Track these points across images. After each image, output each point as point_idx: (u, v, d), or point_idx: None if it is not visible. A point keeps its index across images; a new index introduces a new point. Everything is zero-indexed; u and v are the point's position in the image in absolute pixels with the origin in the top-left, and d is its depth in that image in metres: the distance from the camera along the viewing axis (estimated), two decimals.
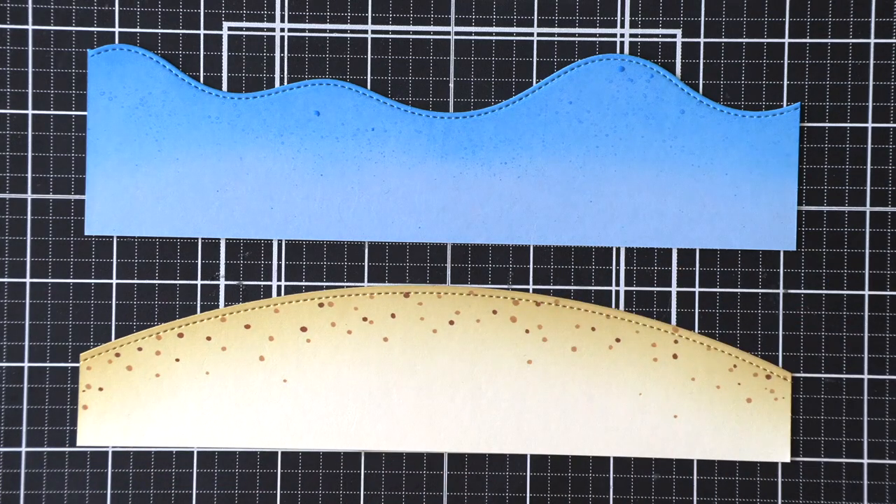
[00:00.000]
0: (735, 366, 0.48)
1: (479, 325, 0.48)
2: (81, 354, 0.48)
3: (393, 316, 0.48)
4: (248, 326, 0.48)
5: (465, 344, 0.48)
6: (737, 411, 0.48)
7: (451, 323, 0.48)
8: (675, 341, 0.48)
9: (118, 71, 0.48)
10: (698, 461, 0.48)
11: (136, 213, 0.48)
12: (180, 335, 0.48)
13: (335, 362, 0.48)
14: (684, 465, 0.48)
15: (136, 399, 0.48)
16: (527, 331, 0.48)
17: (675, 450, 0.48)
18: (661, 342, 0.48)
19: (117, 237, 0.48)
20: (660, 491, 0.48)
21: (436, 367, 0.48)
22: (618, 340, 0.48)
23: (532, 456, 0.48)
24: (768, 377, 0.48)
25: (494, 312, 0.48)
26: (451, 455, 0.48)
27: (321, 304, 0.48)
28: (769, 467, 0.48)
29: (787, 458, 0.48)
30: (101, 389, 0.48)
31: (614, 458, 0.48)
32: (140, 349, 0.48)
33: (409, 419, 0.48)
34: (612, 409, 0.48)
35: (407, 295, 0.48)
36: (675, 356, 0.48)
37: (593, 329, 0.48)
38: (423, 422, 0.48)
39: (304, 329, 0.48)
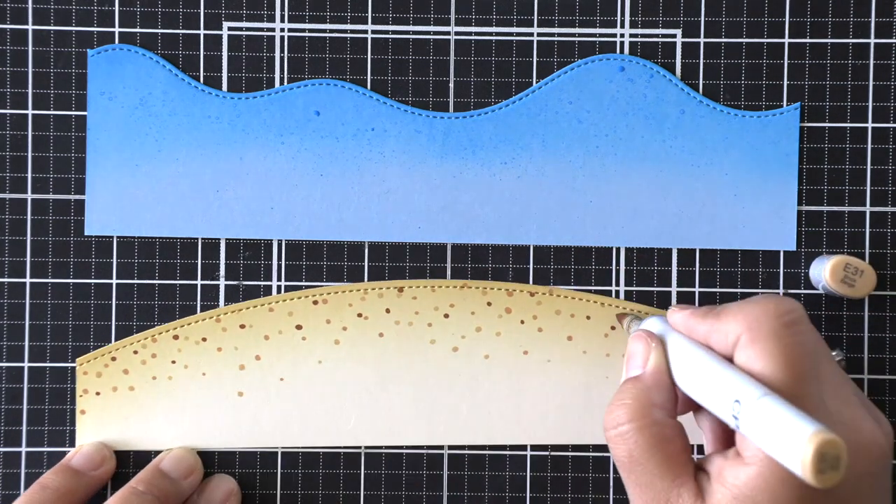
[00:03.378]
0: None
1: (475, 318, 0.48)
2: (78, 360, 0.48)
3: (388, 311, 0.48)
4: (243, 326, 0.48)
5: (460, 336, 0.48)
6: None
7: (447, 316, 0.48)
8: None
9: (118, 71, 0.48)
10: (698, 458, 0.48)
11: (136, 213, 0.48)
12: (175, 337, 0.48)
13: (331, 359, 0.48)
14: None
15: (134, 402, 0.48)
16: (522, 321, 0.48)
17: None
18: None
19: (117, 237, 0.48)
20: None
21: (432, 361, 0.48)
22: (613, 328, 0.48)
23: (532, 456, 0.48)
24: None
25: (489, 304, 0.48)
26: (450, 455, 0.48)
27: (315, 302, 0.48)
28: None
29: None
30: (98, 394, 0.48)
31: None
32: (136, 352, 0.48)
33: (406, 413, 0.48)
34: (610, 397, 0.48)
35: (401, 290, 0.48)
36: None
37: (588, 318, 0.48)
38: (421, 415, 0.48)
39: (299, 327, 0.48)
